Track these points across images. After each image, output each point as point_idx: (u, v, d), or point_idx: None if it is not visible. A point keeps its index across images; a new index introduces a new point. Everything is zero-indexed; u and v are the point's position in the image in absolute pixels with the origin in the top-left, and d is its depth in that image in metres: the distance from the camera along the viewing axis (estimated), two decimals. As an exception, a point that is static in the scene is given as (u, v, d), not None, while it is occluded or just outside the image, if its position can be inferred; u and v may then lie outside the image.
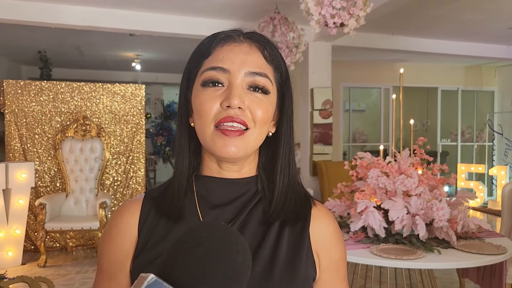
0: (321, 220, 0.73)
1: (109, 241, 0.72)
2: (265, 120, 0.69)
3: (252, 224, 0.69)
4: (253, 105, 0.67)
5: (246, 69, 0.67)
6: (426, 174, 2.44)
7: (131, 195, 5.03)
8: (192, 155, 0.74)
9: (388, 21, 4.97)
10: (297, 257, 0.68)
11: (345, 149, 8.12)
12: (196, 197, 0.72)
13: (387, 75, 7.59)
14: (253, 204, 0.71)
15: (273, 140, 0.74)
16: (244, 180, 0.72)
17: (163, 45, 6.37)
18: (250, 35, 0.71)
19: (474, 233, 2.40)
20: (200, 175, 0.73)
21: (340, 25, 2.45)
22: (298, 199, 0.73)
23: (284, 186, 0.72)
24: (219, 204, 0.71)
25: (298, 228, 0.70)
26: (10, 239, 4.13)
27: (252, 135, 0.67)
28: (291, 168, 0.73)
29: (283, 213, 0.70)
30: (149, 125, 10.40)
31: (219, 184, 0.71)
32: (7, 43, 6.46)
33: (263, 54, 0.70)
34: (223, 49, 0.69)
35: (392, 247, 2.20)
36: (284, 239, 0.68)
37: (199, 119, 0.68)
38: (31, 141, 4.78)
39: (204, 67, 0.69)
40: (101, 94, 4.96)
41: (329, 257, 0.72)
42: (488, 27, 5.48)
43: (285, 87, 0.74)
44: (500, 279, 2.54)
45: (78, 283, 3.77)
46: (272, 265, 0.66)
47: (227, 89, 0.67)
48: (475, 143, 8.55)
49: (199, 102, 0.68)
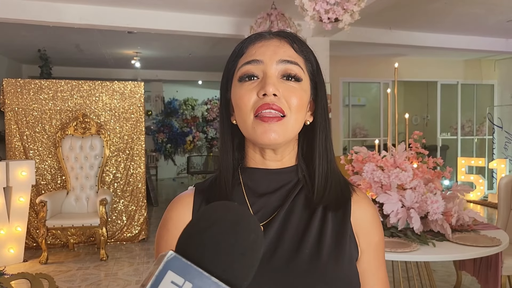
0: (361, 206, 0.77)
1: (166, 232, 0.76)
2: (300, 106, 0.72)
3: (297, 210, 0.74)
4: (288, 93, 0.71)
5: (277, 58, 0.72)
6: (421, 168, 2.45)
7: (131, 191, 5.06)
8: (236, 151, 0.79)
9: (386, 16, 4.97)
10: (342, 239, 0.72)
11: (345, 144, 8.13)
12: (243, 187, 0.77)
13: (386, 69, 7.59)
14: (296, 192, 0.75)
15: (311, 129, 0.77)
16: (287, 170, 0.76)
17: (162, 42, 6.39)
18: (279, 33, 0.77)
19: (469, 225, 2.42)
20: (245, 167, 0.78)
21: (335, 20, 2.46)
22: (339, 186, 0.77)
23: (323, 172, 0.76)
24: (265, 192, 0.75)
25: (340, 212, 0.75)
26: (12, 236, 4.17)
27: (289, 122, 0.71)
28: (329, 157, 0.77)
29: (325, 199, 0.74)
30: (150, 122, 10.42)
31: (263, 174, 0.76)
32: (7, 42, 6.48)
33: (292, 46, 0.75)
34: (255, 46, 0.74)
35: (387, 240, 2.22)
36: (328, 223, 0.73)
37: (240, 113, 0.73)
38: (32, 139, 4.81)
39: (239, 64, 0.74)
40: (100, 92, 4.98)
41: (368, 239, 0.76)
42: (487, 21, 5.48)
43: (317, 77, 0.78)
44: (496, 271, 2.56)
45: (80, 280, 3.80)
46: (319, 246, 0.70)
47: (262, 80, 0.71)
48: (475, 137, 8.55)
49: (238, 96, 0.72)
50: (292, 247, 0.70)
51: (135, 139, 5.08)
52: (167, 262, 0.38)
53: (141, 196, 5.09)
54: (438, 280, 3.54)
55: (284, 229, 0.72)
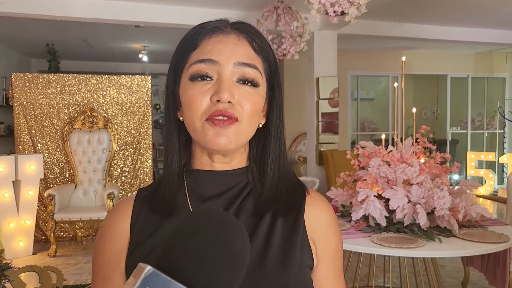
0: (316, 208, 0.73)
1: (102, 242, 0.72)
2: (255, 113, 0.68)
3: (243, 215, 0.69)
4: (243, 99, 0.67)
5: (235, 60, 0.67)
6: (428, 163, 2.42)
7: (139, 185, 5.08)
8: (182, 149, 0.73)
9: (395, 8, 4.90)
10: (291, 246, 0.67)
11: (353, 138, 8.09)
12: (187, 191, 0.72)
13: (395, 62, 7.47)
14: (243, 196, 0.71)
15: (263, 131, 0.73)
16: (235, 172, 0.72)
17: (169, 36, 6.37)
18: (237, 26, 0.70)
19: (477, 221, 2.39)
20: (191, 169, 0.73)
21: (341, 13, 2.43)
22: (291, 190, 0.72)
23: (274, 179, 0.71)
24: (210, 196, 0.71)
25: (291, 217, 0.70)
26: (21, 229, 4.22)
27: (242, 128, 0.67)
28: (281, 161, 0.73)
29: (274, 205, 0.70)
30: (158, 116, 10.45)
31: (209, 176, 0.71)
32: (17, 36, 6.52)
33: (251, 45, 0.69)
34: (210, 40, 0.68)
35: (393, 236, 2.20)
36: (277, 229, 0.68)
37: (189, 114, 0.68)
38: (40, 133, 4.84)
39: (191, 60, 0.68)
40: (107, 86, 5.00)
41: (325, 246, 0.71)
42: (498, 12, 5.38)
43: (274, 78, 0.73)
44: (504, 267, 2.53)
45: (87, 273, 3.84)
46: (265, 254, 0.66)
47: (216, 82, 0.66)
48: (485, 131, 8.45)
49: (189, 97, 0.67)
50: None
51: (143, 133, 5.10)
52: (144, 279, 0.35)
53: (148, 190, 5.11)
54: (446, 276, 3.51)
55: None
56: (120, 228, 0.71)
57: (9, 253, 4.02)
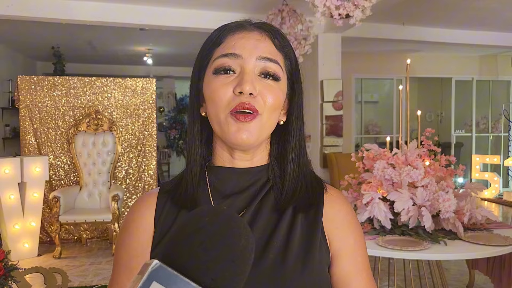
0: (333, 205, 0.73)
1: (128, 235, 0.73)
2: (276, 106, 0.70)
3: (265, 211, 0.70)
4: (264, 91, 0.68)
5: (257, 54, 0.68)
6: (433, 166, 2.42)
7: (143, 188, 5.10)
8: (204, 146, 0.75)
9: (399, 11, 4.90)
10: (311, 243, 0.68)
11: (357, 141, 8.08)
12: (209, 187, 0.73)
13: (400, 65, 7.48)
14: (264, 192, 0.72)
15: (284, 129, 0.74)
16: (256, 169, 0.73)
17: (174, 39, 6.41)
18: (260, 25, 0.73)
19: (482, 224, 2.38)
20: (212, 165, 0.74)
21: (346, 16, 2.44)
22: (310, 186, 0.73)
23: (294, 175, 0.72)
24: (231, 193, 0.72)
25: (311, 214, 0.71)
26: (26, 231, 4.24)
27: (263, 120, 0.68)
28: (301, 157, 0.74)
29: (294, 200, 0.71)
30: (162, 118, 10.48)
31: (231, 173, 0.73)
32: (22, 40, 6.57)
33: (273, 42, 0.71)
34: (234, 36, 0.70)
35: (398, 239, 2.19)
36: (297, 226, 0.69)
37: (212, 107, 0.69)
38: (45, 135, 4.87)
39: (215, 55, 0.70)
40: (112, 88, 5.02)
41: (342, 241, 0.71)
42: (503, 15, 5.37)
43: (295, 76, 0.75)
44: (509, 270, 2.52)
45: (92, 274, 3.85)
46: (285, 251, 0.66)
47: (238, 75, 0.68)
48: (490, 134, 8.41)
49: (212, 89, 0.69)
50: (256, 252, 0.65)
51: (147, 136, 5.12)
52: (151, 272, 0.35)
53: (152, 192, 5.12)
54: (450, 279, 3.50)
55: None
56: (145, 221, 0.73)
57: (14, 254, 4.03)
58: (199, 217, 0.41)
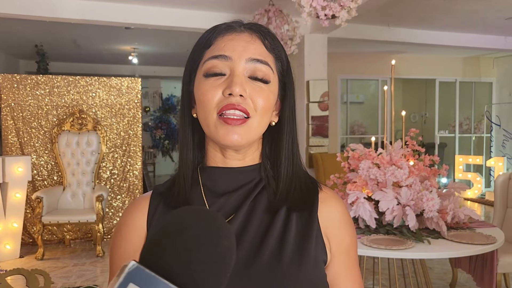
0: (329, 204, 0.73)
1: (120, 238, 0.73)
2: (266, 109, 0.70)
3: (259, 211, 0.70)
4: (255, 94, 0.68)
5: (247, 56, 0.68)
6: (417, 166, 2.44)
7: (128, 188, 5.05)
8: (196, 147, 0.75)
9: (385, 13, 4.95)
10: (307, 241, 0.68)
11: (343, 141, 8.13)
12: (202, 188, 0.73)
13: (385, 66, 7.57)
14: (257, 191, 0.72)
15: (276, 129, 0.74)
16: (248, 168, 0.73)
17: (159, 38, 6.36)
18: (250, 25, 0.73)
19: (465, 223, 2.42)
20: (205, 166, 0.74)
21: (332, 17, 2.45)
22: (304, 186, 0.73)
23: (288, 175, 0.72)
24: (224, 192, 0.72)
25: (305, 213, 0.71)
26: (8, 232, 4.16)
27: (253, 124, 0.68)
28: (295, 157, 0.74)
29: (289, 200, 0.71)
30: (147, 118, 10.41)
31: (223, 173, 0.73)
32: (4, 37, 6.45)
33: (264, 43, 0.71)
34: (224, 38, 0.70)
35: (382, 238, 2.21)
36: (292, 224, 0.69)
37: (202, 109, 0.69)
38: (28, 135, 4.79)
39: (205, 57, 0.70)
40: (97, 87, 4.97)
41: (339, 241, 0.72)
42: (486, 18, 5.47)
43: (286, 77, 0.75)
44: (491, 269, 2.56)
45: (75, 276, 3.80)
46: (280, 249, 0.67)
47: (228, 77, 0.68)
48: (473, 135, 8.56)
49: (202, 92, 0.69)
50: (252, 250, 0.67)
51: (132, 135, 5.07)
52: (128, 274, 0.35)
53: (138, 193, 5.08)
54: (434, 277, 3.54)
55: (244, 230, 0.68)
56: (137, 224, 0.73)
57: (-4, 256, 3.96)
58: (182, 217, 0.41)
